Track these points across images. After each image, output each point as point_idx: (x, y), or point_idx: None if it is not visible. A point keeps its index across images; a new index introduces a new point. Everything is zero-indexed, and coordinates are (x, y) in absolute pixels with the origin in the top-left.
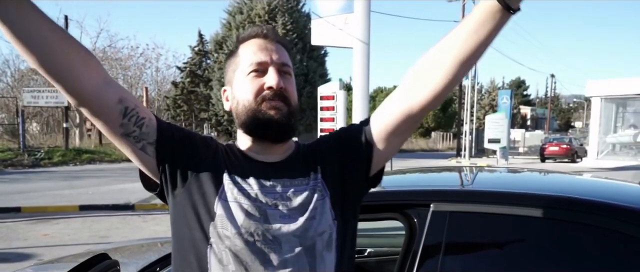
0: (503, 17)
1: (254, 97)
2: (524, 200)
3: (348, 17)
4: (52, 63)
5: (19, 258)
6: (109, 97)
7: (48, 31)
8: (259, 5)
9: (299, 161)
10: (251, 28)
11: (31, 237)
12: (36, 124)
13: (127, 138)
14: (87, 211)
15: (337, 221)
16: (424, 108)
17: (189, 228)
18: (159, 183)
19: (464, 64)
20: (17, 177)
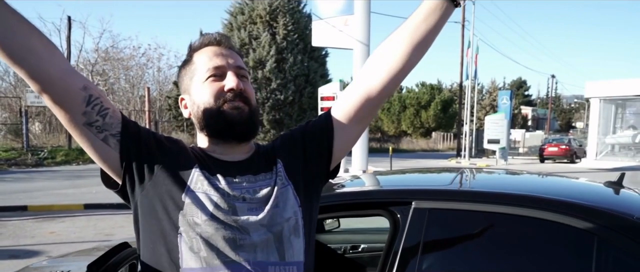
0: (448, 8)
1: (214, 100)
2: (492, 198)
3: (348, 19)
4: (13, 46)
5: (28, 255)
6: (73, 82)
7: (14, 20)
8: (260, 6)
9: (261, 158)
10: (203, 36)
11: (38, 235)
12: (39, 123)
13: (89, 128)
14: (91, 210)
15: (302, 208)
16: (382, 92)
17: (157, 220)
18: (122, 178)
19: (416, 49)
20: (21, 177)
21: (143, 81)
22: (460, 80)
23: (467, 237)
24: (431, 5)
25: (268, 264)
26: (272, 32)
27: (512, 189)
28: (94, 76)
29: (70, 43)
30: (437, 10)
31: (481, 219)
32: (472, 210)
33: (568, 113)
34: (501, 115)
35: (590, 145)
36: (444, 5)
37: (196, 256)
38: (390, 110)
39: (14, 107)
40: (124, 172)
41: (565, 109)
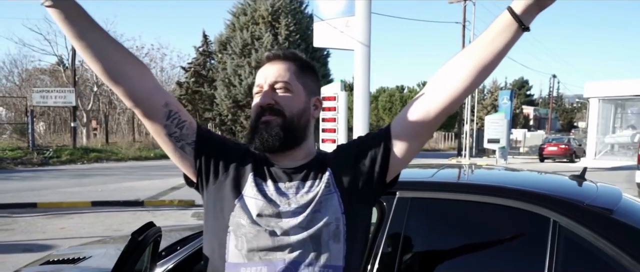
0: (516, 32)
1: (253, 116)
2: (465, 188)
3: (349, 20)
4: (113, 71)
5: (41, 249)
6: (156, 101)
7: (112, 48)
8: (263, 7)
9: (314, 166)
10: (266, 52)
11: (49, 231)
12: (43, 123)
13: (169, 138)
14: (99, 207)
15: (346, 215)
16: (441, 112)
17: (215, 218)
18: (196, 179)
19: (481, 71)
20: (27, 175)
21: None
22: None
23: (443, 222)
24: (499, 27)
25: (303, 264)
26: (274, 32)
27: (484, 181)
28: (98, 76)
29: None
30: (505, 32)
31: (456, 207)
32: (449, 199)
33: (570, 113)
34: (501, 115)
35: (589, 144)
36: (512, 28)
37: (239, 253)
38: (391, 110)
39: (18, 107)
40: (197, 174)
41: (567, 109)
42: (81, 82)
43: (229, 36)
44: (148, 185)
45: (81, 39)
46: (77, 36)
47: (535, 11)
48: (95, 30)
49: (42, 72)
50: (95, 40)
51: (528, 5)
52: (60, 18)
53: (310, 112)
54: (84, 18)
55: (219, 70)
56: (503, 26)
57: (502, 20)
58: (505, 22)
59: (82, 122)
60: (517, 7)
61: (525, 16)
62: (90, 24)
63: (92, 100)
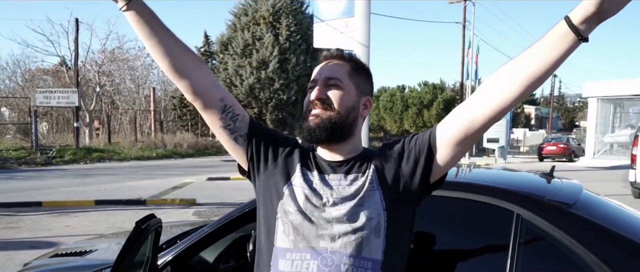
0: (574, 43)
1: (305, 108)
2: None
3: (349, 21)
4: (178, 68)
5: (47, 245)
6: (213, 95)
7: (177, 47)
8: (264, 7)
9: (358, 161)
10: (324, 51)
11: (54, 228)
12: (46, 123)
13: (224, 129)
14: (102, 206)
15: (387, 212)
16: (488, 121)
17: (265, 204)
18: (248, 168)
19: (532, 83)
20: (31, 175)
21: (148, 81)
22: (461, 80)
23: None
24: (555, 37)
25: (344, 254)
26: (275, 33)
27: (456, 178)
28: (100, 76)
29: (77, 44)
30: (561, 43)
31: (430, 201)
32: None
33: (572, 112)
34: None
35: (588, 144)
36: (568, 39)
37: (287, 238)
38: (392, 110)
39: (22, 107)
40: (249, 164)
41: (569, 108)
42: (84, 83)
43: (230, 36)
44: (150, 184)
45: (152, 38)
46: (149, 36)
47: (595, 23)
48: (164, 30)
49: (44, 73)
50: (163, 39)
51: (587, 16)
52: (135, 20)
53: (359, 111)
54: (154, 19)
55: (220, 70)
56: (559, 36)
57: (558, 30)
58: (562, 32)
59: (84, 122)
60: (575, 17)
61: (583, 27)
62: (160, 24)
63: (95, 100)
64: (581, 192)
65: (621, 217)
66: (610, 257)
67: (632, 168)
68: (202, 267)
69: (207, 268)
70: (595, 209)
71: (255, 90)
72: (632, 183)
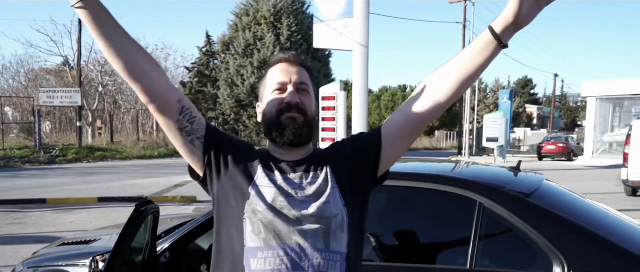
0: (496, 49)
1: (276, 111)
2: (408, 177)
3: (348, 22)
4: (134, 69)
5: (52, 240)
6: (171, 97)
7: (133, 49)
8: (265, 8)
9: (314, 160)
10: (278, 54)
11: (59, 224)
12: (49, 123)
13: (180, 132)
14: (105, 203)
15: (347, 208)
16: (426, 118)
17: (230, 206)
18: (204, 172)
19: (462, 84)
20: (35, 173)
21: None
22: None
23: (395, 204)
24: (480, 45)
25: (315, 249)
26: (277, 33)
27: (429, 171)
28: (103, 76)
29: (80, 44)
30: (485, 50)
31: (405, 192)
32: (400, 185)
33: (574, 112)
34: (500, 114)
35: (586, 143)
36: (492, 46)
37: (257, 237)
38: (394, 110)
39: (25, 106)
40: (206, 167)
41: (571, 108)
42: (87, 82)
43: (231, 37)
44: (152, 183)
45: (106, 38)
46: (103, 36)
47: (513, 31)
48: (119, 31)
49: (48, 72)
50: (119, 40)
51: (507, 26)
52: (88, 19)
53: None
54: (110, 19)
55: (222, 70)
56: (484, 44)
57: (484, 38)
58: (487, 40)
59: (87, 121)
60: (497, 27)
61: (504, 35)
62: (115, 24)
63: (98, 100)
64: (541, 184)
65: (578, 207)
66: (561, 241)
67: (624, 167)
68: (197, 254)
69: (201, 254)
70: (552, 199)
71: (256, 90)
72: (624, 181)
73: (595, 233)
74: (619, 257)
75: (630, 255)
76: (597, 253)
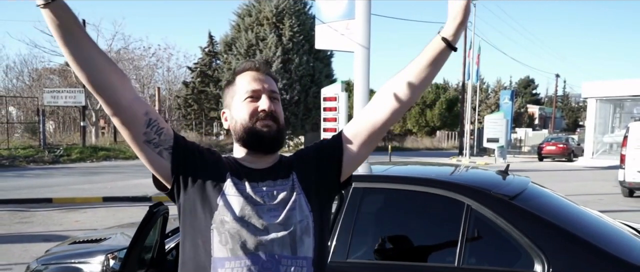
0: (448, 53)
1: (249, 118)
2: (402, 180)
3: (349, 23)
4: (98, 80)
5: (59, 239)
6: (138, 109)
7: (98, 58)
8: (267, 8)
9: (281, 167)
10: (245, 62)
11: (65, 223)
12: (52, 122)
13: (147, 144)
14: (109, 202)
15: (313, 213)
16: (385, 123)
17: (197, 217)
18: (171, 184)
19: (418, 88)
20: (40, 173)
21: (153, 81)
22: (462, 80)
23: (388, 205)
24: (435, 51)
25: (282, 256)
26: (279, 33)
27: (420, 174)
28: None
29: None
30: (442, 55)
31: (398, 194)
32: (393, 188)
33: (576, 112)
34: (500, 115)
35: (586, 144)
36: (446, 51)
37: (224, 248)
38: None
39: (29, 106)
40: (174, 178)
41: (573, 108)
42: None
43: (234, 37)
44: None
45: (70, 45)
46: (67, 42)
47: (461, 31)
48: (86, 38)
49: (51, 72)
50: (84, 48)
51: (456, 28)
52: (53, 22)
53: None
54: (76, 25)
55: (224, 70)
56: (438, 51)
57: (436, 46)
58: (440, 47)
59: (91, 121)
60: (449, 34)
61: (455, 39)
62: (81, 32)
63: None
64: (526, 186)
65: (560, 209)
66: (542, 241)
67: (621, 168)
68: None
69: None
70: (536, 201)
71: None
72: (621, 182)
73: (574, 233)
74: (595, 256)
75: (605, 254)
76: (575, 252)
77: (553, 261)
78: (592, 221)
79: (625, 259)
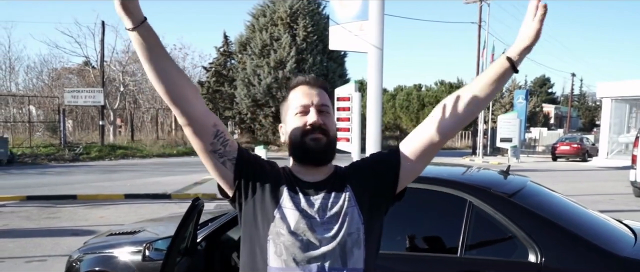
0: (510, 74)
1: (299, 132)
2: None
3: (363, 24)
4: (176, 93)
5: (86, 233)
6: (208, 121)
7: (176, 73)
8: (281, 9)
9: (335, 180)
10: (298, 77)
11: (90, 219)
12: (71, 121)
13: (213, 154)
14: (131, 199)
15: (364, 225)
16: (444, 138)
17: (256, 227)
18: (233, 192)
19: (477, 107)
20: (61, 170)
21: None
22: None
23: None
24: (499, 72)
25: (332, 269)
26: (293, 33)
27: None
28: (124, 76)
29: (103, 45)
30: (505, 76)
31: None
32: None
33: (593, 111)
34: (513, 115)
35: (601, 144)
36: (509, 72)
37: (279, 258)
38: (409, 109)
39: (48, 105)
40: (236, 188)
41: (590, 107)
42: (108, 82)
43: (248, 37)
44: (173, 180)
45: (152, 62)
46: (150, 60)
47: (524, 55)
48: (166, 56)
49: (70, 72)
50: (164, 65)
51: (521, 50)
52: (139, 42)
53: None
54: (158, 45)
55: (239, 70)
56: (502, 72)
57: (500, 68)
58: (504, 67)
59: (108, 120)
60: (514, 55)
61: (519, 61)
62: (162, 50)
63: (119, 99)
64: (524, 185)
65: (555, 206)
66: (536, 234)
67: (632, 168)
68: (229, 243)
69: (232, 244)
70: (532, 199)
71: (272, 89)
72: (633, 183)
73: (565, 228)
74: (584, 248)
75: (593, 246)
76: (565, 244)
77: (546, 252)
78: (585, 217)
79: (611, 250)
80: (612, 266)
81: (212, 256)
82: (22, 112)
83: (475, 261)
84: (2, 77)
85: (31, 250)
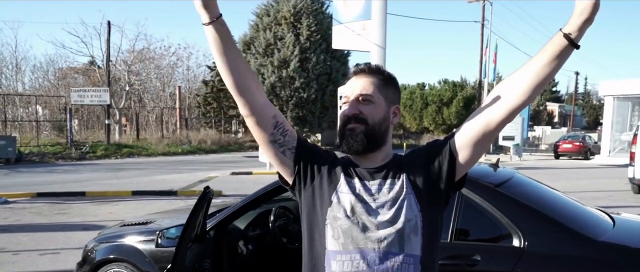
0: (570, 51)
1: (340, 122)
2: None
3: (366, 24)
4: (242, 85)
5: (97, 227)
6: (268, 112)
7: (243, 66)
8: (285, 8)
9: (392, 167)
10: (355, 66)
11: (99, 214)
12: (77, 120)
13: (273, 144)
14: (138, 196)
15: (422, 213)
16: (501, 123)
17: (314, 212)
18: (293, 180)
19: (537, 88)
20: (68, 169)
21: (173, 79)
22: (479, 78)
23: None
24: (556, 49)
25: (389, 253)
26: (296, 33)
27: None
28: (130, 75)
29: (109, 45)
30: (563, 54)
31: None
32: None
33: (597, 109)
34: None
35: (603, 142)
36: (569, 49)
37: (337, 242)
38: (412, 107)
39: (54, 104)
40: (295, 176)
41: (594, 106)
42: (113, 81)
43: (252, 36)
44: (178, 178)
45: (224, 55)
46: (222, 53)
47: (586, 28)
48: (235, 49)
49: (75, 71)
50: (234, 58)
51: (581, 24)
52: (213, 36)
53: (389, 120)
54: (230, 38)
55: None
56: (560, 50)
57: (558, 45)
58: (562, 44)
59: (114, 119)
60: (572, 30)
61: (578, 36)
62: (232, 43)
63: (124, 98)
64: (512, 177)
65: (539, 196)
66: (519, 221)
67: (631, 165)
68: (236, 232)
69: (238, 233)
70: (518, 189)
71: (276, 88)
72: (631, 179)
73: (547, 214)
74: (564, 232)
75: (572, 231)
76: (547, 229)
77: (528, 237)
78: (567, 205)
79: (589, 235)
80: (590, 250)
81: (220, 244)
82: (29, 111)
83: (463, 246)
84: (9, 77)
85: (44, 243)
